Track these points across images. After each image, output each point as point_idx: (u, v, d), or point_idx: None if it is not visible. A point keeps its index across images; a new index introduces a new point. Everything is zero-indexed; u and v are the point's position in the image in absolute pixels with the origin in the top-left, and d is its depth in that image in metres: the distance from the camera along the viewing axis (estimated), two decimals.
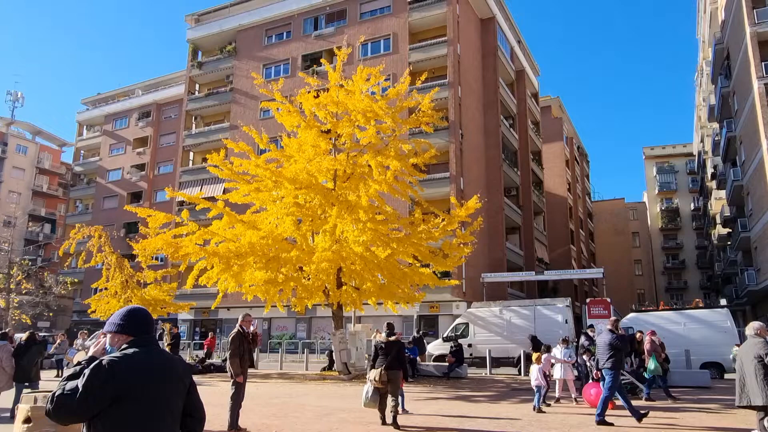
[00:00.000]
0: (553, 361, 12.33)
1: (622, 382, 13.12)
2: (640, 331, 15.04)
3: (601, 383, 10.13)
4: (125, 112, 52.92)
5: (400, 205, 26.50)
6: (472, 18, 38.06)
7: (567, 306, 21.67)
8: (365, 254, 17.33)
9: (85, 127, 56.84)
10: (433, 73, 31.14)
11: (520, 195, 41.38)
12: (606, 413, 9.32)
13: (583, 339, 13.39)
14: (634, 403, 9.64)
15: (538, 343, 15.48)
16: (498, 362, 21.03)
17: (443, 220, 18.89)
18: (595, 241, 67.64)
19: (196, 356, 24.98)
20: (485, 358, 20.48)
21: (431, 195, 27.57)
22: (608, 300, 24.11)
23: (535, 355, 11.83)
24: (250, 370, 9.99)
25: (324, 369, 21.04)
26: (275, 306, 19.37)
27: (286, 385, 16.34)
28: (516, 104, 43.20)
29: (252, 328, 9.66)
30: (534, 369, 11.35)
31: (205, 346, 26.54)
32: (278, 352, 25.68)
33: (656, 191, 70.01)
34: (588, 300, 25.66)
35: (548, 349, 12.13)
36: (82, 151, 56.20)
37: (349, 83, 18.55)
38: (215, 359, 24.06)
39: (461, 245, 19.30)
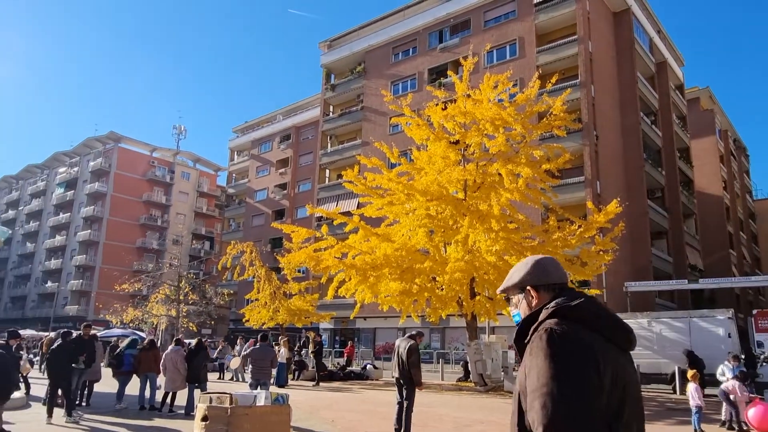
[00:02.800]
0: (721, 378, 11.18)
1: None
2: None
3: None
4: (269, 137, 57.63)
5: (533, 212, 25.77)
6: (604, 12, 36.08)
7: (729, 318, 19.48)
8: (498, 264, 17.12)
9: (235, 152, 62.84)
10: (563, 74, 29.97)
11: (665, 196, 38.16)
12: None
13: None
14: None
15: (695, 358, 14.18)
16: (648, 378, 19.44)
17: (579, 226, 18.09)
18: (760, 245, 59.86)
19: (338, 364, 26.25)
20: None
21: (565, 201, 26.46)
22: None
23: (690, 372, 10.84)
24: (388, 380, 10.38)
25: (459, 379, 21.04)
26: (410, 316, 19.82)
27: (423, 395, 16.51)
28: (658, 99, 39.99)
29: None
30: (691, 388, 10.41)
31: (345, 355, 27.86)
32: None
33: None
34: (755, 312, 22.91)
35: (742, 377, 10.95)
36: (234, 175, 62.09)
37: (476, 92, 18.56)
38: (354, 367, 25.12)
39: (601, 252, 18.29)
